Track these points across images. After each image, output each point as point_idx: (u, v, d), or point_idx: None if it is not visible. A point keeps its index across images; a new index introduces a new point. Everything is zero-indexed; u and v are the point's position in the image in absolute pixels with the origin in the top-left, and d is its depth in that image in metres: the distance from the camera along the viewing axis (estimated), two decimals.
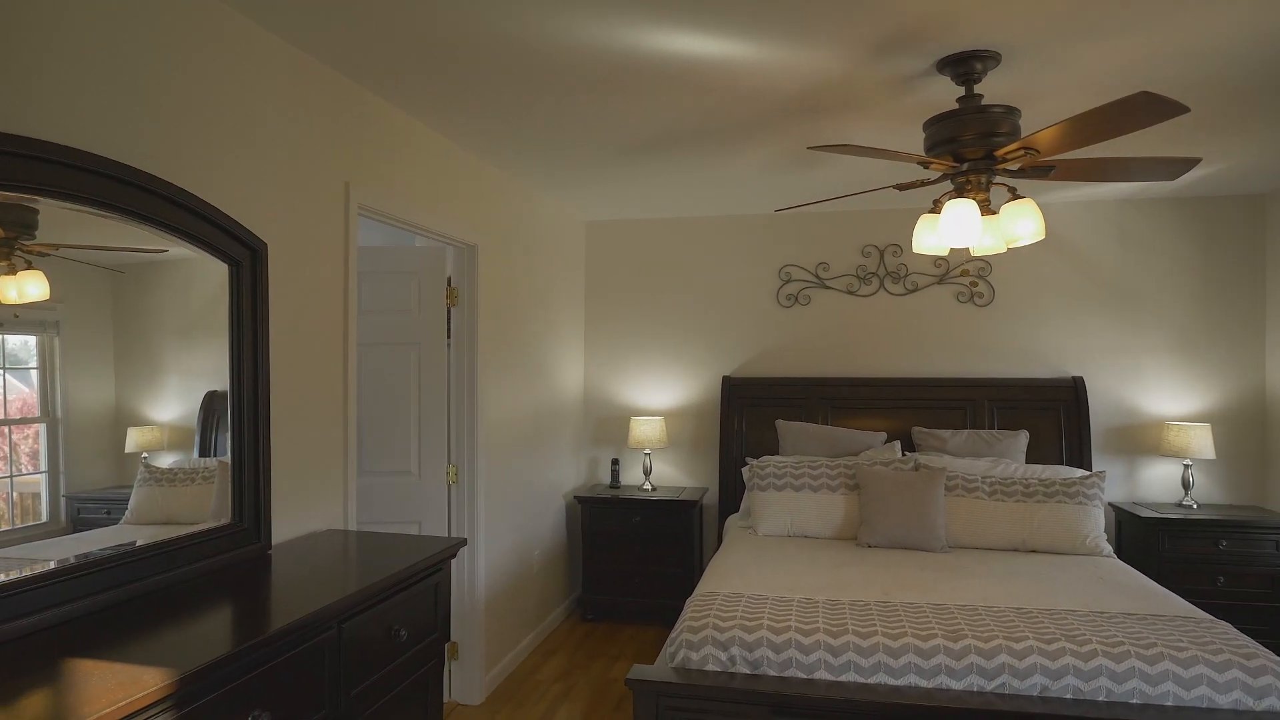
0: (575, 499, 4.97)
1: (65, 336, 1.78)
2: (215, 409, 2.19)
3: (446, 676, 3.68)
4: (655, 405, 5.34)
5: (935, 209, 2.81)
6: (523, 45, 2.47)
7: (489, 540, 3.88)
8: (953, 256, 4.87)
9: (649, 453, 5.12)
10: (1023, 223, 2.65)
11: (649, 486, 5.06)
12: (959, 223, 2.55)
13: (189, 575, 1.98)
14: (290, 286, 2.50)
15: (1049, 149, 2.43)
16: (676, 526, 4.77)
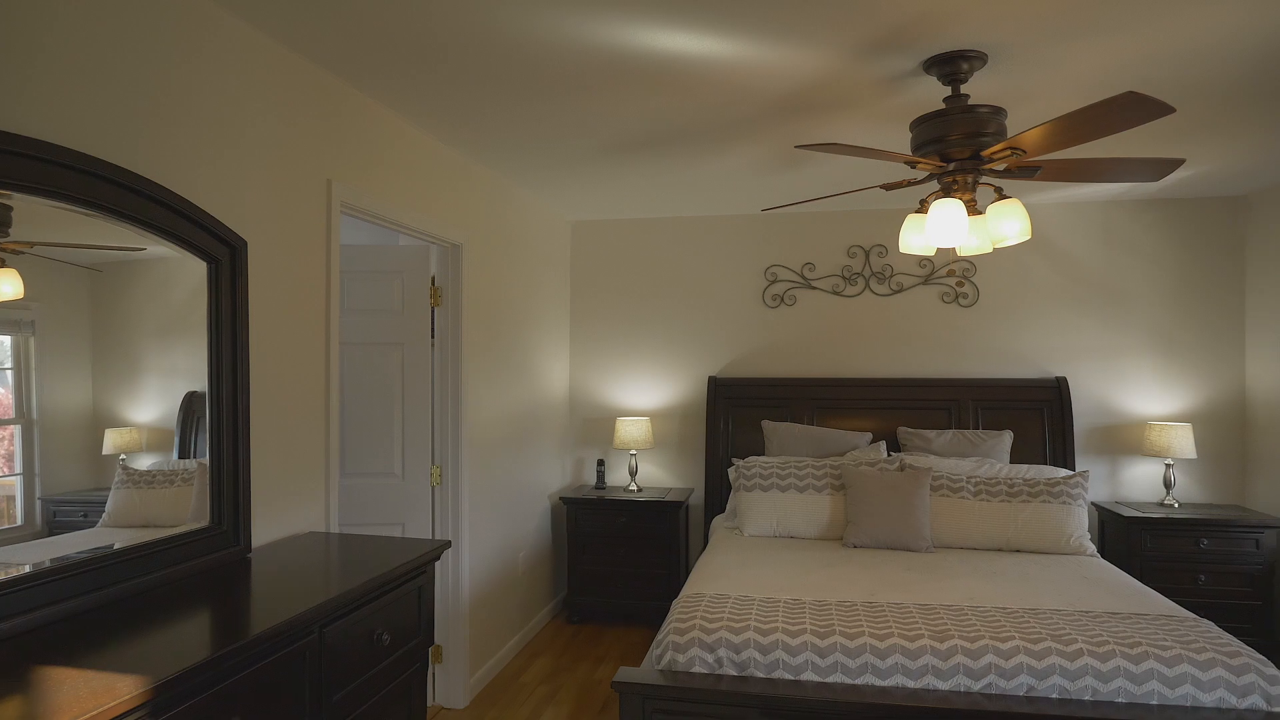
0: (561, 500, 4.95)
1: (41, 336, 1.75)
2: (195, 410, 2.16)
3: (430, 680, 3.65)
4: (641, 406, 5.33)
5: (922, 209, 2.82)
6: (509, 42, 2.45)
7: (474, 542, 3.85)
8: (938, 257, 4.89)
9: (635, 453, 5.11)
10: (1009, 223, 2.65)
11: (635, 487, 5.05)
12: (946, 223, 2.55)
13: (167, 579, 1.95)
14: (271, 285, 2.47)
15: (1035, 149, 2.44)
16: (662, 527, 4.76)
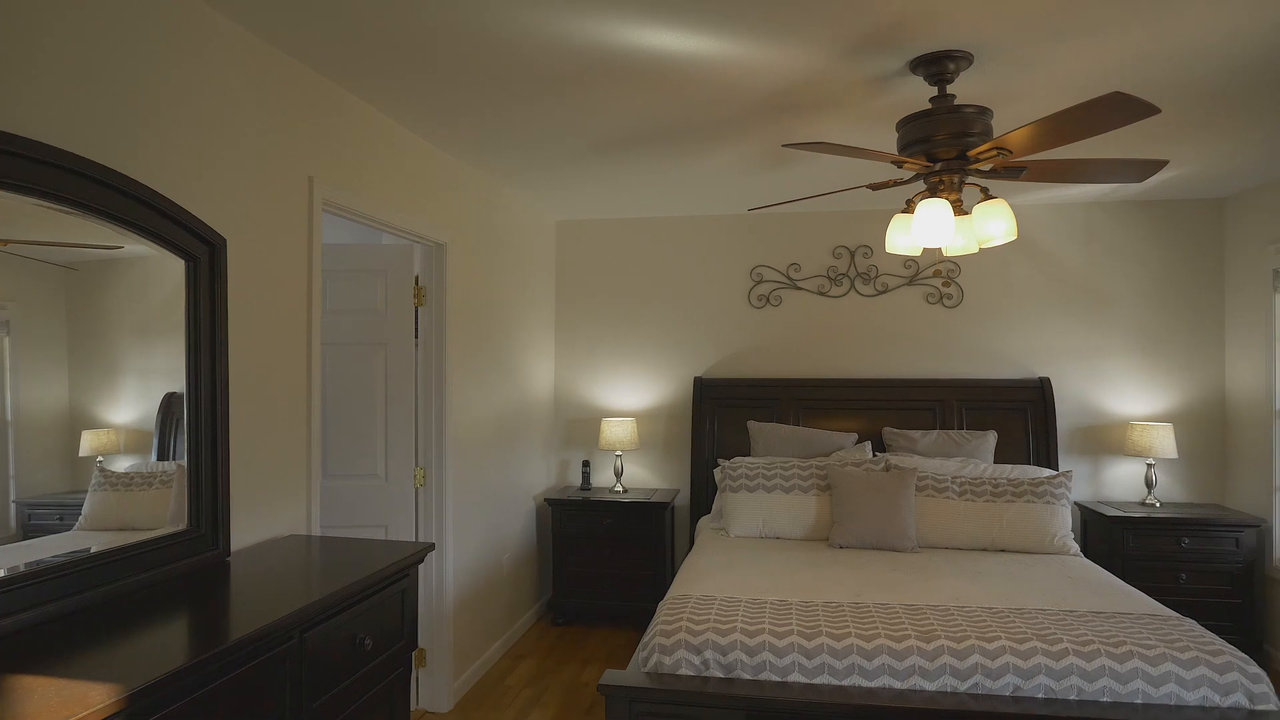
0: (545, 501, 4.92)
1: (15, 336, 1.71)
2: (174, 411, 2.12)
3: (414, 684, 3.61)
4: (626, 406, 5.31)
5: (908, 209, 2.82)
6: (494, 40, 2.43)
7: (458, 544, 3.81)
8: (923, 258, 4.91)
9: (620, 454, 5.08)
10: (995, 223, 2.66)
11: (620, 488, 5.03)
12: (932, 223, 2.55)
13: (145, 583, 1.91)
14: (251, 284, 2.43)
15: (1021, 149, 2.44)
16: (648, 529, 4.74)
